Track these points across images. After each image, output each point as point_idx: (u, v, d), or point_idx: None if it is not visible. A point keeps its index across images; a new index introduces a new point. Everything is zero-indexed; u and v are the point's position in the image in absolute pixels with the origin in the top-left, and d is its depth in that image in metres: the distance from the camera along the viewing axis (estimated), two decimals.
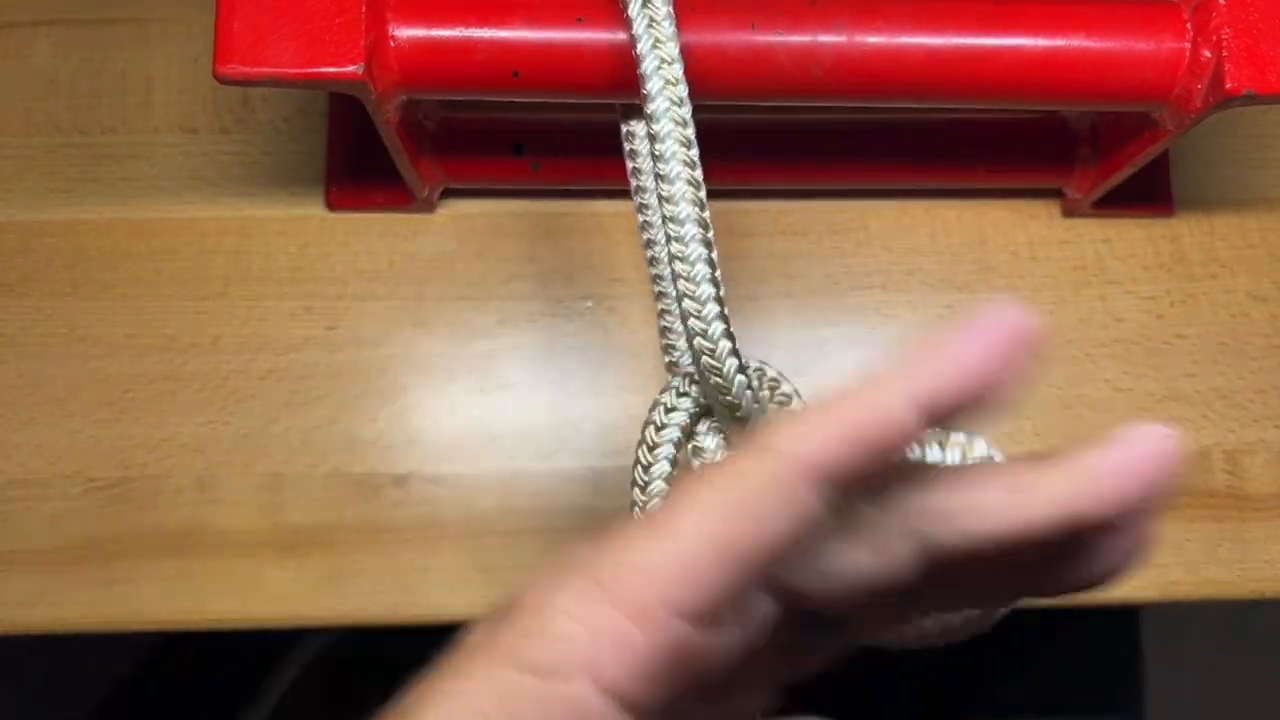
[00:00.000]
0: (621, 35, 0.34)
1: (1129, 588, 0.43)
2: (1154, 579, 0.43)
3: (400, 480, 0.43)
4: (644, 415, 0.44)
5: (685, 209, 0.29)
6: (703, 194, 0.29)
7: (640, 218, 0.35)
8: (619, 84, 0.34)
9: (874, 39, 0.34)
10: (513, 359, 0.45)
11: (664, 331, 0.34)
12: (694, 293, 0.29)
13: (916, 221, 0.46)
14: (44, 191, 0.45)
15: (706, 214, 0.29)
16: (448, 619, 0.43)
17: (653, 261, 0.34)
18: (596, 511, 0.43)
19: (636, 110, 0.36)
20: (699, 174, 0.30)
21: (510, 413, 0.44)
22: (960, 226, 0.46)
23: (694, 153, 0.30)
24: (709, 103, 0.37)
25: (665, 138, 0.30)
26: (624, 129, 0.36)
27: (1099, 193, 0.43)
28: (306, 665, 0.58)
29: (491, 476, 0.44)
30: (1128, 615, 0.61)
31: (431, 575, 0.43)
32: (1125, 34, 0.34)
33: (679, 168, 0.29)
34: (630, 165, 0.35)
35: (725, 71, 0.34)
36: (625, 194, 0.46)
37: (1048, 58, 0.34)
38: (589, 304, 0.45)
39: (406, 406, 0.44)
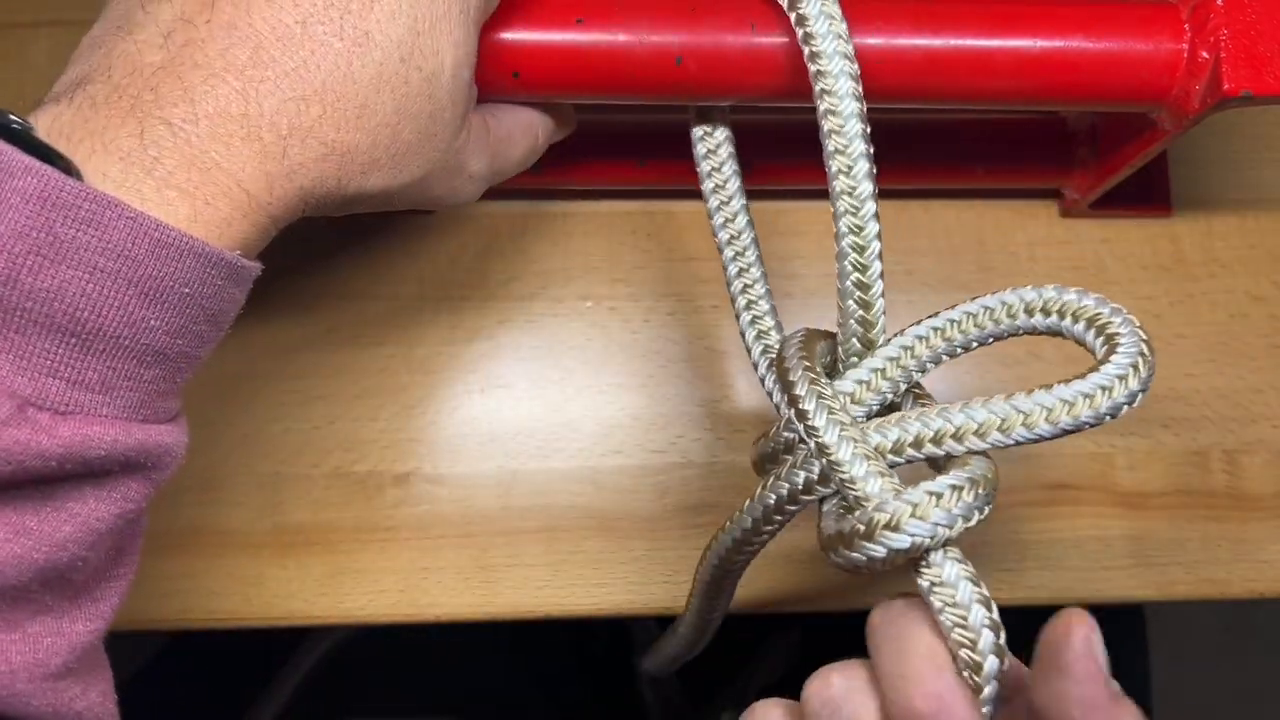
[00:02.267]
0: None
1: (1128, 587, 0.43)
2: (1153, 578, 0.43)
3: (401, 480, 0.44)
4: (643, 414, 0.44)
5: (865, 185, 0.31)
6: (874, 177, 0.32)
7: (719, 216, 0.38)
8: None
9: (873, 40, 0.34)
10: (513, 359, 0.45)
11: (754, 321, 0.37)
12: (864, 256, 0.31)
13: (916, 221, 0.46)
14: None
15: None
16: (448, 618, 0.43)
17: (738, 256, 0.37)
18: (596, 511, 0.43)
19: (710, 113, 0.37)
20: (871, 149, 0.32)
21: (510, 413, 0.44)
22: (960, 226, 0.46)
23: (870, 146, 0.32)
24: (709, 103, 0.37)
25: (850, 136, 0.31)
26: (697, 131, 0.38)
27: (1098, 193, 0.44)
28: (311, 666, 0.58)
29: (491, 476, 0.44)
30: (1134, 616, 0.61)
31: (432, 574, 0.43)
32: (1123, 35, 0.34)
33: (860, 145, 0.31)
34: (707, 166, 0.37)
35: (724, 72, 0.35)
36: (626, 195, 0.46)
37: (1046, 59, 0.34)
38: (589, 304, 0.45)
39: (407, 406, 0.44)
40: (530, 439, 0.44)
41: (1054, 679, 0.25)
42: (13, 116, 0.25)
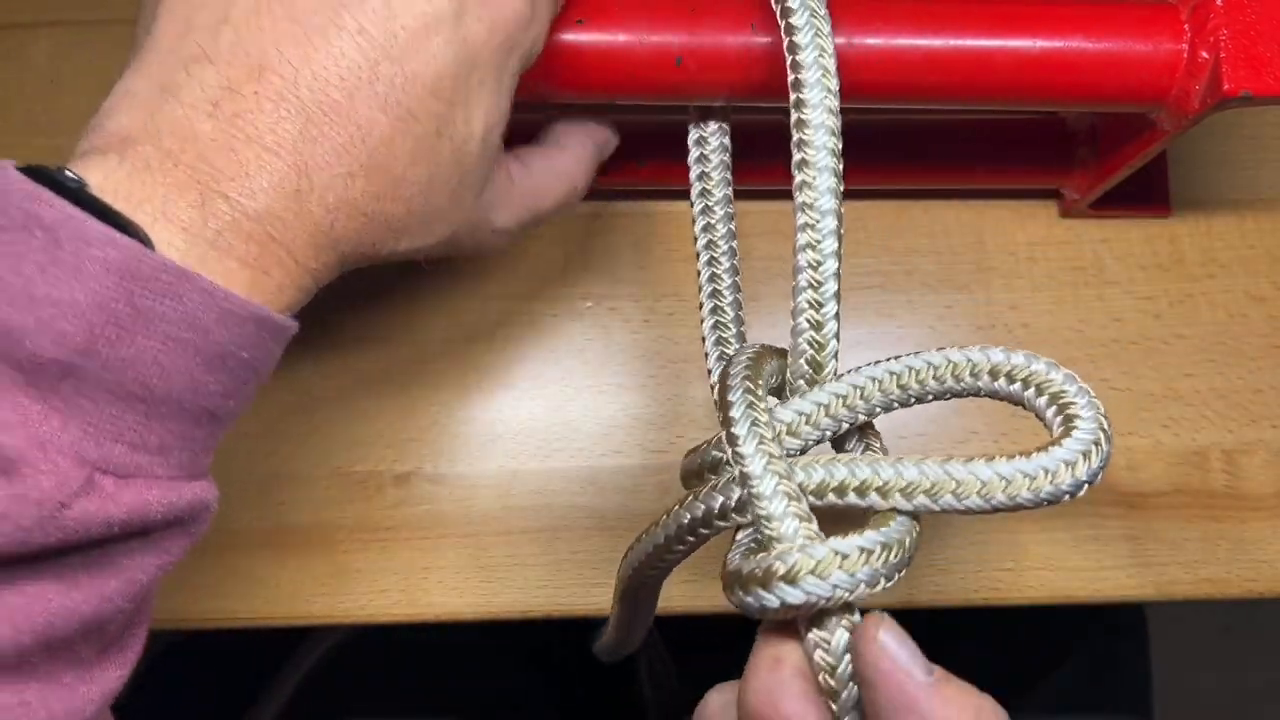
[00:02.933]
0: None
1: (1128, 587, 0.43)
2: (1152, 578, 0.43)
3: (401, 480, 0.44)
4: (643, 414, 0.44)
5: (827, 200, 0.29)
6: (842, 188, 0.30)
7: (703, 220, 0.36)
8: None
9: (874, 40, 0.34)
10: (513, 359, 0.45)
11: (717, 325, 0.35)
12: (819, 273, 0.30)
13: (916, 221, 0.46)
14: None
15: (843, 209, 0.30)
16: (448, 617, 0.43)
17: (712, 261, 0.36)
18: (596, 511, 0.44)
19: (710, 112, 0.37)
20: (841, 167, 0.30)
21: (510, 413, 0.44)
22: (959, 227, 0.46)
23: (840, 145, 0.30)
24: (709, 103, 0.37)
25: (817, 127, 0.30)
26: (695, 133, 0.37)
27: (1097, 193, 0.44)
28: (311, 666, 0.58)
29: (491, 476, 0.44)
30: (1134, 616, 0.61)
31: (432, 574, 0.43)
32: (1123, 35, 0.35)
33: (826, 158, 0.30)
34: (698, 169, 0.37)
35: (724, 72, 0.35)
36: (626, 195, 0.46)
37: (1046, 59, 0.34)
38: (589, 304, 0.45)
39: (407, 406, 0.44)
40: (530, 439, 0.44)
41: (866, 693, 0.25)
42: (68, 173, 0.25)
